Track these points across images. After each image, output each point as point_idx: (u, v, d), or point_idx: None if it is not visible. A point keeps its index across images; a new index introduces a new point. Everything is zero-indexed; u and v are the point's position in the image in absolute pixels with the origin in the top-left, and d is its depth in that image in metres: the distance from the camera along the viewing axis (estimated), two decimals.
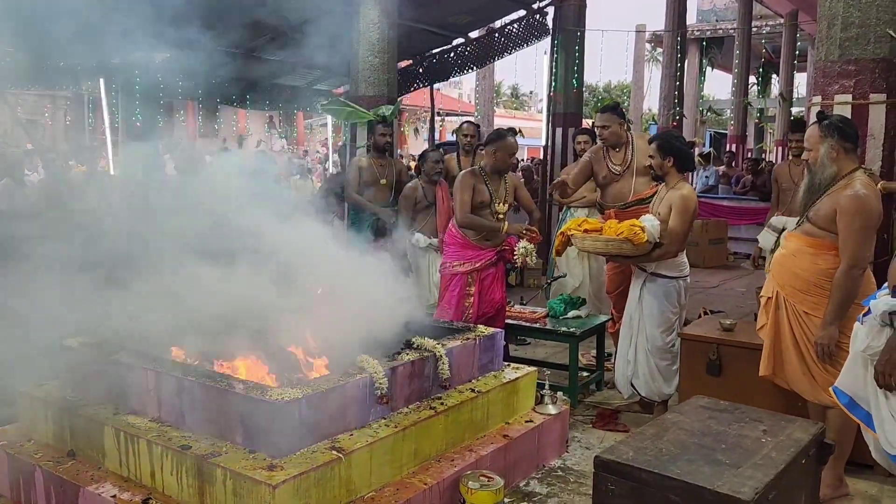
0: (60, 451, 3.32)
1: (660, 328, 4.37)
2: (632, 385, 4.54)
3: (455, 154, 6.47)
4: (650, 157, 4.34)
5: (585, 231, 4.30)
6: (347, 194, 6.55)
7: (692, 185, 6.76)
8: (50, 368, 3.42)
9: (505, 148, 4.64)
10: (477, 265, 4.67)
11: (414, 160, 17.14)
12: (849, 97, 4.42)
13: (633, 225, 4.12)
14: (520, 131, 5.08)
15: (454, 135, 13.06)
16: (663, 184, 4.39)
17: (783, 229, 3.73)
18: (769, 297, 3.56)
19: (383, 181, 6.34)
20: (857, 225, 3.22)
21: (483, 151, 4.91)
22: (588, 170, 5.03)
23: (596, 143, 6.32)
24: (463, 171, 4.83)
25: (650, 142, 4.44)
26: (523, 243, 4.68)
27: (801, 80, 23.20)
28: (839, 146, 3.31)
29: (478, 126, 6.70)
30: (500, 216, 4.72)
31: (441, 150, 7.12)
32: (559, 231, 4.54)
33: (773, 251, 3.73)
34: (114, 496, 2.91)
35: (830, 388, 3.15)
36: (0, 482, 3.39)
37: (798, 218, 3.53)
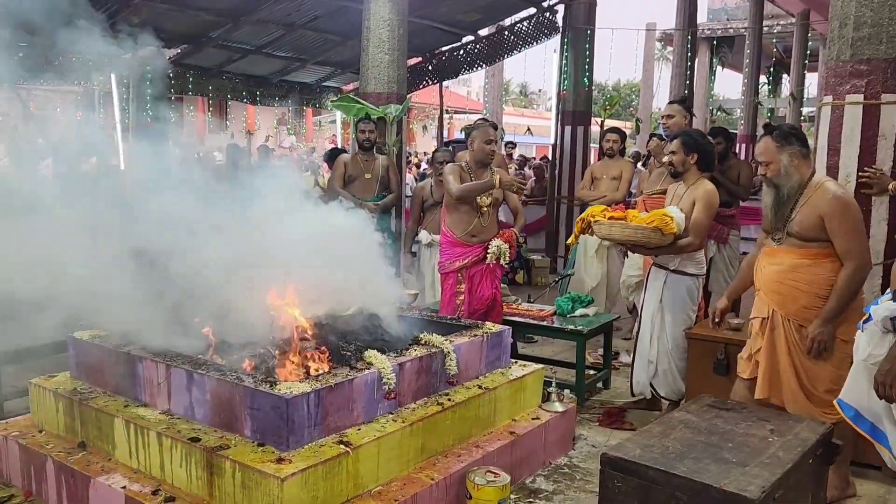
0: (71, 442, 3.36)
1: (682, 326, 4.33)
2: (651, 386, 4.49)
3: (468, 151, 6.48)
4: (672, 152, 4.26)
5: (611, 219, 4.16)
6: (330, 187, 6.66)
7: None
8: None
9: (480, 136, 4.66)
10: (465, 262, 4.69)
11: (415, 157, 17.17)
12: (860, 97, 4.39)
13: (664, 215, 4.05)
14: (528, 130, 5.08)
15: (462, 132, 13.06)
16: (679, 182, 4.36)
17: None
18: (764, 318, 3.43)
19: (368, 175, 6.41)
20: (851, 224, 3.21)
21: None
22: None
23: (625, 143, 6.36)
24: (452, 163, 4.87)
25: (672, 138, 4.39)
26: (496, 242, 4.68)
27: (811, 80, 23.07)
28: (798, 153, 3.30)
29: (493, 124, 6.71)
30: (483, 208, 4.69)
31: (451, 147, 7.13)
32: (579, 217, 4.42)
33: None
34: (124, 487, 2.94)
35: (835, 401, 3.09)
36: (12, 472, 3.43)
37: (776, 234, 3.41)
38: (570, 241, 4.74)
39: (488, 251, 4.67)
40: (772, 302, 3.38)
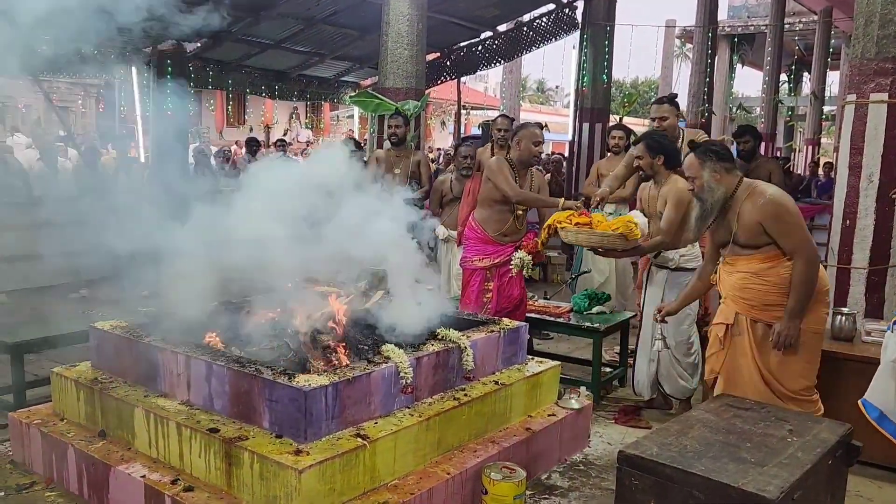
0: (92, 430, 3.40)
1: (683, 323, 4.35)
2: (658, 384, 4.51)
3: (489, 147, 6.48)
4: (638, 157, 4.27)
5: (577, 224, 4.21)
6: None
7: None
8: None
9: (528, 136, 4.60)
10: (496, 261, 4.67)
11: (431, 151, 17.16)
12: (885, 95, 4.35)
13: (628, 221, 4.12)
14: (545, 126, 5.06)
15: (479, 128, 13.03)
16: (651, 183, 4.35)
17: None
18: (728, 325, 3.45)
19: (397, 171, 6.40)
20: (789, 222, 3.27)
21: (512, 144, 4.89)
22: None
23: (631, 139, 6.28)
24: (494, 157, 4.80)
25: (635, 143, 4.39)
26: (520, 254, 4.63)
27: (833, 79, 22.82)
28: (720, 168, 3.38)
29: (512, 120, 6.69)
30: (520, 212, 4.70)
31: (470, 143, 7.13)
32: (546, 224, 4.42)
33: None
34: (143, 476, 2.97)
35: (859, 402, 3.07)
36: (34, 459, 3.48)
37: (725, 247, 3.48)
38: (539, 245, 4.65)
39: (511, 262, 4.64)
40: (740, 308, 3.41)
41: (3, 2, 3.30)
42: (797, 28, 20.42)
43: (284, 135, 19.99)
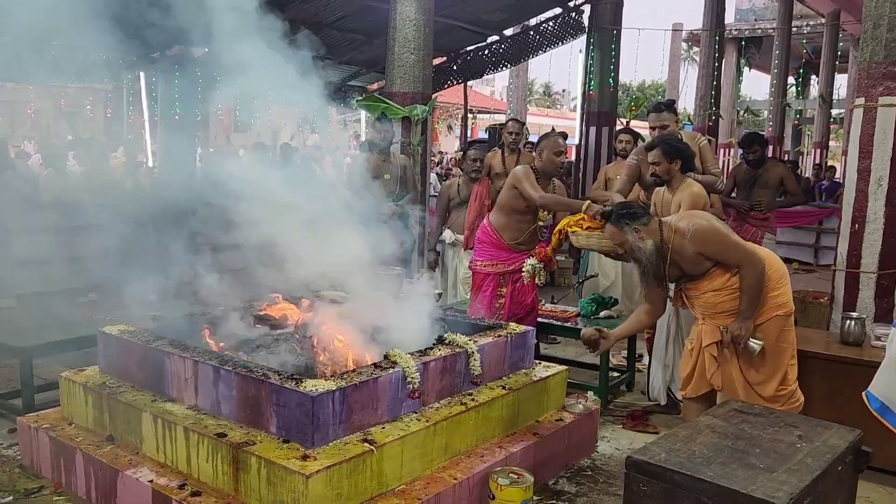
0: (100, 435, 3.41)
1: None
2: (669, 389, 4.48)
3: (499, 151, 6.47)
4: (654, 163, 4.19)
5: (588, 228, 4.20)
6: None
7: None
8: None
9: (550, 146, 4.58)
10: (509, 268, 4.66)
11: (434, 156, 17.15)
12: (893, 99, 4.33)
13: None
14: (566, 135, 5.03)
15: (487, 132, 13.03)
16: (664, 188, 4.30)
17: None
18: (719, 342, 3.50)
19: (387, 175, 6.38)
20: (720, 241, 3.39)
21: (527, 149, 4.89)
22: (636, 173, 4.93)
23: (637, 143, 6.26)
24: (522, 165, 4.78)
25: (649, 148, 4.33)
26: (531, 261, 4.62)
27: (841, 82, 22.73)
28: (639, 225, 3.45)
29: (522, 124, 6.68)
30: (541, 222, 4.69)
31: (478, 147, 7.13)
32: (556, 229, 4.43)
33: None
34: (151, 481, 2.98)
35: (863, 393, 3.08)
36: (42, 463, 3.50)
37: (680, 282, 3.57)
38: (550, 252, 4.66)
39: (523, 270, 4.63)
40: (720, 321, 3.47)
41: (16, 8, 3.33)
42: (805, 31, 20.33)
43: (292, 139, 20.01)
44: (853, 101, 4.68)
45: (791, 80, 21.67)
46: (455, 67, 12.20)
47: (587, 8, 10.62)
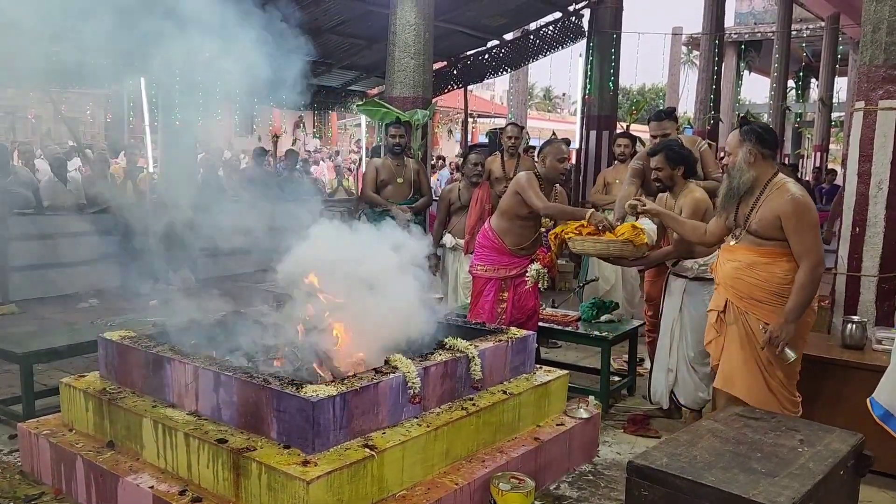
0: (100, 441, 3.40)
1: (701, 333, 4.29)
2: (672, 394, 4.47)
3: (499, 155, 6.47)
4: (657, 169, 4.23)
5: (585, 234, 4.23)
6: (363, 192, 6.70)
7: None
8: None
9: (552, 153, 4.56)
10: (511, 273, 4.65)
11: (434, 160, 17.18)
12: (893, 102, 4.33)
13: (634, 227, 4.12)
14: (553, 134, 5.06)
15: (487, 136, 13.04)
16: (667, 194, 4.32)
17: None
18: (720, 312, 3.51)
19: (400, 179, 6.40)
20: (807, 225, 3.27)
21: (527, 154, 4.90)
22: (642, 175, 4.93)
23: (635, 147, 6.26)
24: (525, 171, 4.78)
25: (652, 154, 4.35)
26: (536, 266, 4.61)
27: (841, 85, 22.76)
28: (756, 151, 3.36)
29: (522, 128, 6.68)
30: (544, 229, 4.70)
31: (479, 151, 7.14)
32: (552, 233, 4.46)
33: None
34: (151, 487, 2.97)
35: (868, 400, 3.07)
36: (43, 470, 3.49)
37: (736, 230, 3.50)
38: (553, 258, 4.66)
39: (527, 274, 4.63)
40: (730, 295, 3.46)
41: (20, 13, 3.33)
42: (804, 34, 20.39)
43: (293, 144, 20.03)
44: (853, 105, 4.68)
45: (791, 83, 21.70)
46: (455, 72, 12.24)
47: (587, 12, 10.65)
